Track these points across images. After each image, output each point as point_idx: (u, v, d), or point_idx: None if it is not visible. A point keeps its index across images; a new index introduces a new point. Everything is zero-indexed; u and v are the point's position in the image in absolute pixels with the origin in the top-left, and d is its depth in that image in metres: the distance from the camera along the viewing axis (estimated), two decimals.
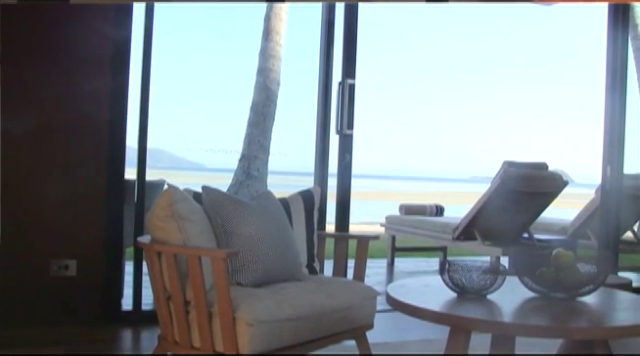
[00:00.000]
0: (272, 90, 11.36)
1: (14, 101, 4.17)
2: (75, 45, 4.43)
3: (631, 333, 2.78)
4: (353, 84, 5.05)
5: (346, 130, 5.03)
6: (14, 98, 4.18)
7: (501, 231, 6.86)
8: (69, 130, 4.41)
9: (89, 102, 4.46)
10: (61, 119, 4.39)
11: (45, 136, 4.36)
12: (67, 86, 4.40)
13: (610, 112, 6.05)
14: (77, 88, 4.42)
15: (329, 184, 5.13)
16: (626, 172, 6.22)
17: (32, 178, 4.32)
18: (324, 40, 5.16)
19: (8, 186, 4.13)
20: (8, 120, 4.13)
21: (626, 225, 7.31)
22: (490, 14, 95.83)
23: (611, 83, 6.05)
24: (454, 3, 5.90)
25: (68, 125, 4.41)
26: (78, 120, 4.43)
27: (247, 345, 2.69)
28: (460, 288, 2.83)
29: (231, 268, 3.03)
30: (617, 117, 6.03)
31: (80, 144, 4.44)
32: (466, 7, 10.93)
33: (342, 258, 3.77)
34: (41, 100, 4.35)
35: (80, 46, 4.43)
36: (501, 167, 6.57)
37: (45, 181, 4.33)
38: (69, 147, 4.42)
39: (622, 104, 6.04)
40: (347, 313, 3.14)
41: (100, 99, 4.46)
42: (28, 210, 4.33)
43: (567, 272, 2.83)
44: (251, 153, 11.31)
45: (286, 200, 3.61)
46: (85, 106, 4.45)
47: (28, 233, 4.33)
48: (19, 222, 4.25)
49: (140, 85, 4.56)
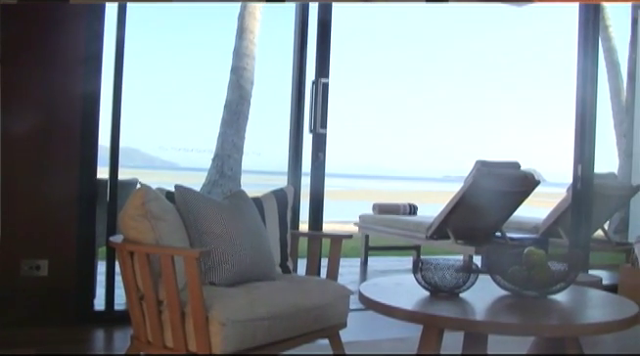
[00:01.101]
0: (246, 89, 11.33)
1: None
2: (48, 45, 4.39)
3: (601, 330, 2.82)
4: (327, 83, 5.05)
5: (320, 129, 5.04)
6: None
7: (474, 230, 6.90)
8: (41, 129, 4.38)
9: (61, 101, 4.43)
10: (32, 119, 4.35)
11: (16, 136, 4.31)
12: (38, 86, 4.36)
13: (581, 112, 6.10)
14: (49, 88, 4.38)
15: (302, 183, 5.13)
16: (597, 171, 6.28)
17: (3, 178, 4.27)
18: (298, 39, 5.16)
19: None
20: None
21: (597, 224, 7.37)
22: (463, 15, 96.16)
23: (582, 84, 6.10)
24: (426, 3, 5.92)
25: (39, 125, 4.37)
26: (50, 120, 4.39)
27: (220, 345, 2.68)
28: (433, 286, 2.85)
29: (204, 267, 3.02)
30: (588, 117, 6.08)
31: (52, 143, 4.41)
32: (439, 7, 10.99)
33: (315, 257, 3.77)
34: (12, 100, 4.31)
35: (53, 46, 4.40)
36: (474, 167, 6.61)
37: (16, 180, 4.29)
38: (41, 146, 4.38)
39: (593, 104, 6.10)
40: (321, 312, 3.15)
41: (72, 98, 4.43)
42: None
43: (538, 270, 2.86)
44: (224, 152, 11.28)
45: (259, 200, 3.61)
46: (57, 105, 4.42)
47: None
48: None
49: (112, 84, 4.53)
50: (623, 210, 8.74)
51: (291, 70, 5.20)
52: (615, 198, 7.53)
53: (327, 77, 5.06)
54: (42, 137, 4.38)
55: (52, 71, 4.39)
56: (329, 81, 5.06)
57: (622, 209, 8.64)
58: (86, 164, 4.46)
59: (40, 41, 4.38)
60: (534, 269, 2.86)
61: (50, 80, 4.39)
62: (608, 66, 11.81)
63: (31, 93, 4.36)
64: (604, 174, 7.54)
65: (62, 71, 4.42)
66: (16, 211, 4.30)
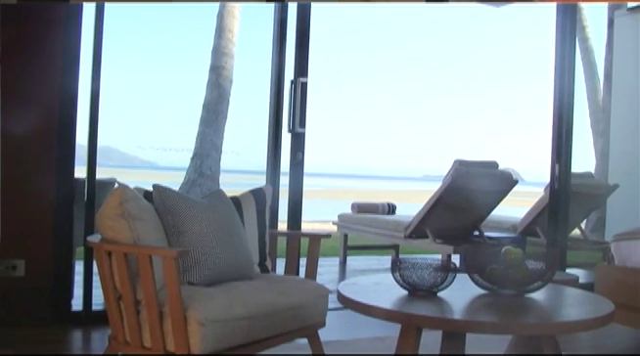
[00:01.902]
0: (225, 88, 11.30)
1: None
2: (26, 43, 4.36)
3: (578, 328, 2.84)
4: (305, 82, 5.05)
5: (298, 128, 5.04)
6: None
7: (452, 229, 6.93)
8: (18, 128, 4.33)
9: (39, 100, 4.39)
10: (9, 117, 4.31)
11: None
12: (16, 84, 4.33)
13: (558, 112, 6.14)
14: (27, 86, 4.35)
15: (281, 182, 5.12)
16: (574, 171, 6.33)
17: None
18: (277, 38, 5.15)
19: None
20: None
21: (574, 223, 7.43)
22: (441, 15, 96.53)
23: (559, 84, 6.14)
24: (406, 3, 5.94)
25: (16, 123, 4.33)
26: (27, 118, 4.36)
27: (198, 345, 2.67)
28: (411, 285, 2.85)
29: (182, 267, 3.01)
30: (565, 117, 6.12)
31: (29, 142, 4.38)
32: (418, 7, 11.01)
33: (293, 257, 3.77)
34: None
35: (30, 44, 4.37)
36: (452, 166, 6.63)
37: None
38: (18, 145, 4.34)
39: (570, 104, 6.14)
40: (299, 311, 3.15)
41: (50, 97, 4.40)
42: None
43: (515, 269, 2.87)
44: (203, 151, 11.25)
45: (237, 199, 3.60)
46: (35, 104, 4.38)
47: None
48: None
49: (90, 83, 4.50)
50: (600, 209, 8.82)
51: (269, 69, 5.19)
52: (591, 197, 7.59)
53: (306, 77, 5.06)
54: (19, 136, 4.34)
55: (29, 70, 4.36)
56: (308, 81, 5.06)
57: (599, 208, 8.72)
58: (63, 163, 4.43)
59: (18, 41, 4.34)
60: (512, 268, 2.88)
61: (27, 79, 4.35)
62: (585, 67, 11.91)
63: (8, 92, 4.32)
64: (581, 173, 7.60)
65: (39, 70, 4.39)
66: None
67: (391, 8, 28.58)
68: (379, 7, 10.08)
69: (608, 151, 8.41)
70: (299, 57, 5.09)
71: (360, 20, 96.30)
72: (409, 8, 25.33)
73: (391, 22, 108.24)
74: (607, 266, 4.78)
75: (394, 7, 12.69)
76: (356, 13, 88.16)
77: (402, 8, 19.29)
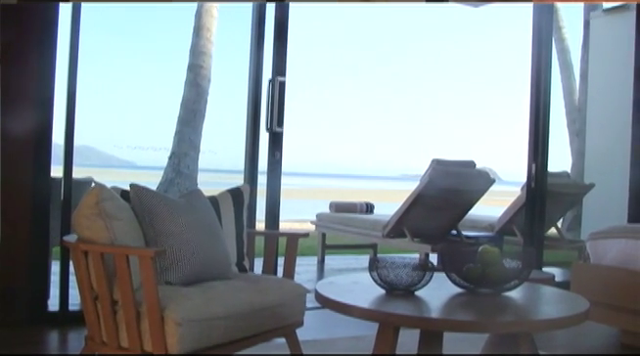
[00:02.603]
0: (202, 87, 11.27)
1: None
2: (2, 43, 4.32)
3: (554, 325, 2.87)
4: (284, 82, 5.05)
5: (277, 128, 5.03)
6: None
7: (430, 228, 6.96)
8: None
9: (14, 98, 4.35)
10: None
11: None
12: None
13: (535, 112, 6.17)
14: (2, 86, 4.31)
15: (259, 181, 5.12)
16: (550, 170, 6.37)
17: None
18: (254, 37, 5.15)
19: None
20: None
21: (551, 222, 7.48)
22: (421, 15, 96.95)
23: (536, 84, 6.18)
24: (382, 3, 5.95)
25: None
26: (3, 117, 4.32)
27: (176, 345, 2.66)
28: (388, 284, 2.86)
29: (159, 267, 3.00)
30: (542, 117, 6.16)
31: (5, 141, 4.34)
32: (397, 7, 11.04)
33: (271, 256, 3.77)
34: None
35: (5, 41, 4.33)
36: (430, 165, 6.66)
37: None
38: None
39: (547, 104, 6.18)
40: (277, 311, 3.15)
41: (26, 96, 4.37)
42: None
43: (492, 268, 2.89)
44: (181, 150, 11.21)
45: (215, 198, 3.59)
46: (10, 102, 4.34)
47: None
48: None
49: (67, 82, 4.48)
50: (576, 208, 8.90)
51: (248, 68, 5.19)
52: (568, 196, 7.65)
53: (284, 76, 5.06)
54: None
55: (5, 68, 4.32)
56: (286, 80, 5.06)
57: (575, 207, 8.79)
58: (40, 163, 4.40)
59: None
60: (489, 267, 2.89)
61: (3, 78, 4.31)
62: (561, 67, 12.01)
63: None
64: (557, 173, 7.66)
65: (15, 70, 4.35)
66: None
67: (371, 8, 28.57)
68: (360, 7, 10.03)
69: (584, 150, 8.49)
70: (278, 56, 5.09)
71: (339, 19, 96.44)
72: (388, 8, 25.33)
73: (371, 22, 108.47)
74: (582, 264, 4.82)
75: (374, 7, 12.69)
76: (335, 13, 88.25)
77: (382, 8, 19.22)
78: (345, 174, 66.49)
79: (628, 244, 4.44)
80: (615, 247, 4.52)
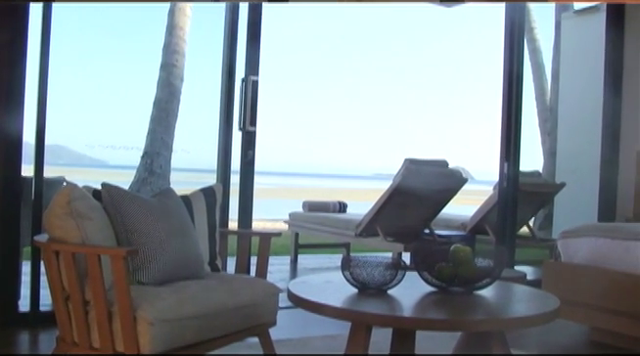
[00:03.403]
0: (175, 86, 11.23)
1: None
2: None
3: (525, 323, 2.89)
4: (256, 81, 5.04)
5: (249, 127, 5.02)
6: None
7: (403, 227, 6.98)
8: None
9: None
10: None
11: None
12: None
13: (507, 112, 6.21)
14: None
15: (232, 181, 5.11)
16: (522, 169, 6.42)
17: None
18: (227, 36, 5.13)
19: None
20: None
21: (523, 220, 7.54)
22: (392, 15, 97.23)
23: (507, 83, 6.21)
24: (358, 3, 5.96)
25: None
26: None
27: (148, 345, 2.66)
28: (361, 283, 2.87)
29: (132, 267, 2.99)
30: (514, 117, 6.20)
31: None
32: (372, 7, 11.04)
33: (244, 255, 3.77)
34: None
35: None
36: (402, 165, 6.68)
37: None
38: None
39: (518, 103, 6.22)
40: (250, 310, 3.14)
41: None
42: None
43: (464, 266, 2.91)
44: (153, 149, 11.17)
45: (188, 198, 3.58)
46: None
47: None
48: None
49: (38, 80, 4.44)
50: (548, 207, 8.97)
51: (221, 67, 5.17)
52: (539, 195, 7.71)
53: (257, 75, 5.06)
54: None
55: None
56: (259, 79, 5.06)
57: (547, 206, 8.86)
58: (10, 162, 4.35)
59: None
60: (461, 266, 2.91)
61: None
62: (533, 67, 12.11)
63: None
64: (529, 172, 7.72)
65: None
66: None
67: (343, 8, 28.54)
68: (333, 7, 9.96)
69: (555, 150, 8.56)
70: (251, 55, 5.08)
71: (312, 20, 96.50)
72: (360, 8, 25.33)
73: (342, 22, 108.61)
74: (553, 263, 4.86)
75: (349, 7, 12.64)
76: (307, 13, 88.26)
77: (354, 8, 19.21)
78: (319, 173, 66.54)
79: (598, 243, 4.49)
80: (585, 246, 4.57)
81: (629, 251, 4.29)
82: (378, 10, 46.91)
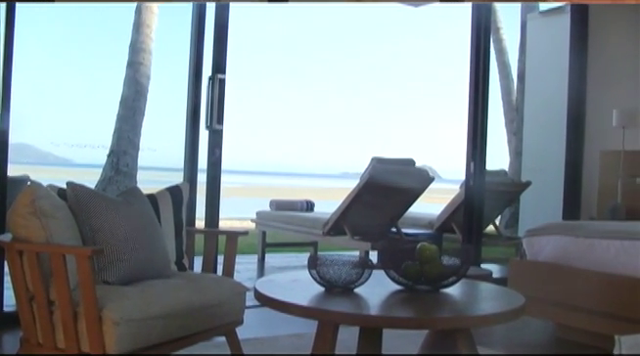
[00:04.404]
0: (142, 84, 11.15)
1: None
2: None
3: (491, 321, 2.91)
4: (224, 79, 5.03)
5: (216, 125, 5.01)
6: None
7: (370, 225, 7.00)
8: None
9: None
10: None
11: None
12: None
13: (473, 112, 6.25)
14: None
15: (199, 180, 5.08)
16: (489, 168, 6.47)
17: None
18: (195, 34, 5.10)
19: None
20: None
21: (489, 219, 7.60)
22: (360, 14, 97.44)
23: (474, 83, 6.26)
24: (325, 3, 5.96)
25: None
26: None
27: (114, 345, 2.64)
28: (328, 282, 2.87)
29: (97, 266, 2.96)
30: (480, 117, 6.25)
31: None
32: (335, 8, 11.07)
33: (211, 254, 3.75)
34: None
35: None
36: (370, 163, 6.69)
37: None
38: None
39: (485, 103, 6.26)
40: (217, 309, 3.14)
41: None
42: None
43: (430, 265, 2.92)
44: (120, 148, 11.08)
45: (154, 197, 3.56)
46: None
47: None
48: None
49: (1, 78, 4.38)
50: (514, 206, 9.06)
51: (188, 66, 5.14)
52: (505, 194, 7.78)
53: (224, 73, 5.04)
54: None
55: None
56: (226, 77, 5.04)
57: (513, 205, 8.94)
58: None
59: None
60: (427, 264, 2.92)
61: None
62: (499, 67, 12.20)
63: None
64: (495, 171, 7.79)
65: None
66: None
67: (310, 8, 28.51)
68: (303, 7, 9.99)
69: (521, 149, 8.64)
70: (217, 53, 5.06)
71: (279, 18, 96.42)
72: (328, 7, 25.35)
73: (311, 22, 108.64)
74: (519, 261, 4.91)
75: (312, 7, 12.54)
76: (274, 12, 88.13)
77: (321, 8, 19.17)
78: (286, 172, 66.46)
79: (563, 241, 4.54)
80: (550, 244, 4.62)
81: (593, 249, 4.34)
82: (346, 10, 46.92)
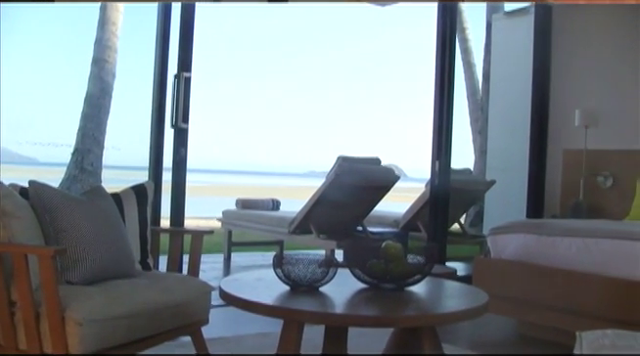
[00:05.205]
0: (107, 82, 11.08)
1: None
2: None
3: (455, 318, 2.95)
4: (189, 77, 5.00)
5: (181, 124, 4.98)
6: None
7: (336, 224, 7.01)
8: None
9: None
10: None
11: None
12: None
13: (438, 111, 6.28)
14: None
15: (164, 178, 5.05)
16: (454, 167, 6.51)
17: None
18: (160, 32, 5.07)
19: None
20: None
21: (454, 217, 7.66)
22: (326, 13, 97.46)
23: (440, 83, 6.29)
24: (292, 3, 5.96)
25: None
26: None
27: (77, 345, 2.61)
28: (293, 281, 2.87)
29: (60, 266, 2.93)
30: (446, 116, 6.28)
31: None
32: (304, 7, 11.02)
33: (176, 254, 3.73)
34: None
35: None
36: (335, 162, 6.70)
37: None
38: None
39: (450, 102, 6.30)
40: (182, 309, 3.12)
41: None
42: None
43: (395, 263, 2.93)
44: (84, 146, 10.99)
45: (118, 196, 3.53)
46: None
47: None
48: None
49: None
50: (478, 204, 9.12)
51: (153, 64, 5.10)
52: (470, 192, 7.83)
53: (189, 71, 5.01)
54: None
55: None
56: (191, 75, 5.01)
57: (478, 203, 9.01)
58: None
59: None
60: (392, 262, 2.93)
61: None
62: (464, 67, 12.29)
63: None
64: (460, 170, 7.84)
65: None
66: None
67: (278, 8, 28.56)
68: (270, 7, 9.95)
69: (486, 148, 8.69)
70: (183, 51, 5.03)
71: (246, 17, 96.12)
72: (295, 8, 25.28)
73: (278, 21, 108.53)
74: (483, 259, 4.95)
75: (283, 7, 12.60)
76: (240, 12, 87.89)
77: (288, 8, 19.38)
78: (252, 171, 66.38)
79: (526, 239, 4.59)
80: (514, 242, 4.66)
81: (555, 247, 4.40)
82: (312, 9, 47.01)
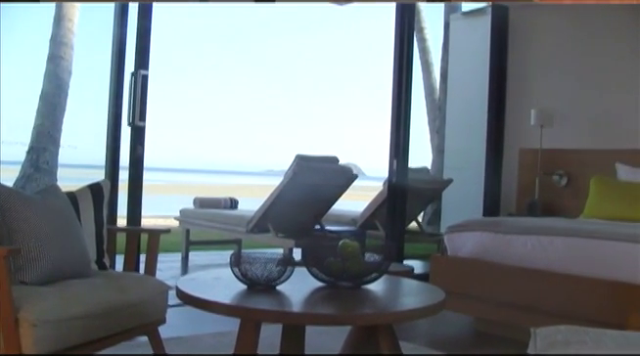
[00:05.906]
0: (63, 79, 10.93)
1: None
2: None
3: (412, 316, 2.97)
4: (146, 75, 4.96)
5: (138, 122, 4.94)
6: None
7: (294, 223, 7.02)
8: None
9: None
10: None
11: None
12: None
13: (396, 110, 6.32)
14: None
15: (121, 177, 5.00)
16: (411, 166, 6.55)
17: None
18: (117, 29, 5.02)
19: None
20: None
21: (412, 216, 7.70)
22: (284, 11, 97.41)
23: (397, 82, 6.33)
24: (256, 3, 5.95)
25: None
26: None
27: (32, 347, 2.57)
28: (250, 280, 2.87)
29: (13, 266, 2.89)
30: (403, 115, 6.32)
31: None
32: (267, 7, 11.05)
33: (132, 253, 3.71)
34: None
35: None
36: (293, 161, 6.71)
37: None
38: None
39: (408, 102, 6.34)
40: (138, 308, 3.09)
41: None
42: None
43: (352, 261, 2.95)
44: (39, 145, 10.83)
45: (73, 195, 3.50)
46: None
47: None
48: None
49: None
50: (436, 203, 9.19)
51: (110, 61, 5.05)
52: (428, 191, 7.89)
53: (146, 69, 4.98)
54: None
55: None
56: (148, 73, 4.98)
57: (435, 202, 9.08)
58: None
59: None
60: (349, 260, 2.95)
61: None
62: (422, 66, 12.36)
63: None
64: (418, 169, 7.89)
65: None
66: None
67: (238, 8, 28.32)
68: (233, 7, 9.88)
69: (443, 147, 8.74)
70: (140, 48, 4.99)
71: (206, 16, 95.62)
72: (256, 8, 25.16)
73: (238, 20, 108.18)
74: (440, 257, 4.99)
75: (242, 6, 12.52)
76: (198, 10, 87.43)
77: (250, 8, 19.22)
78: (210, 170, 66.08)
79: (483, 237, 4.64)
80: (470, 240, 4.71)
81: (511, 245, 4.45)
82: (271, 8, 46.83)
